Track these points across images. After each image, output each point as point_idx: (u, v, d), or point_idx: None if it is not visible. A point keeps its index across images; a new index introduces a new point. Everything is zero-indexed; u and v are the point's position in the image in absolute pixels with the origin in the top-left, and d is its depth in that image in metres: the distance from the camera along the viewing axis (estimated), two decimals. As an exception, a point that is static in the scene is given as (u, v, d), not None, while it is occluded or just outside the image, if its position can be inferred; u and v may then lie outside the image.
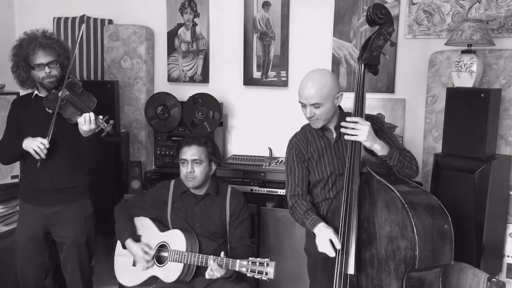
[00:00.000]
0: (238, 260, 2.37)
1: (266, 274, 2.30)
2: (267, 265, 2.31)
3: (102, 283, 3.56)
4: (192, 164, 2.66)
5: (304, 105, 2.35)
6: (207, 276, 2.46)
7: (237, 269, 2.37)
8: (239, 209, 2.72)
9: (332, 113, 2.37)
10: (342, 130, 2.17)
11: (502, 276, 3.11)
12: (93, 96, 2.68)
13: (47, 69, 2.63)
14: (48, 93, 2.67)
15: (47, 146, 2.59)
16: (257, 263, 2.33)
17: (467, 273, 2.41)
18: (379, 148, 2.14)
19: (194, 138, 2.76)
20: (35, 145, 2.59)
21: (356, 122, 2.13)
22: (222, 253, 2.45)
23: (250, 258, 2.36)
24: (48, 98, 2.65)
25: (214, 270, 2.42)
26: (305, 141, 2.45)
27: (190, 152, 2.67)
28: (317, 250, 2.18)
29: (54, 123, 2.59)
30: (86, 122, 2.54)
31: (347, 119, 2.17)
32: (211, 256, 2.45)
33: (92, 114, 2.56)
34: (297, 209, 2.37)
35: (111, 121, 2.61)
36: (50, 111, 2.62)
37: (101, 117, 2.59)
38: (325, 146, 2.42)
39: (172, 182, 2.83)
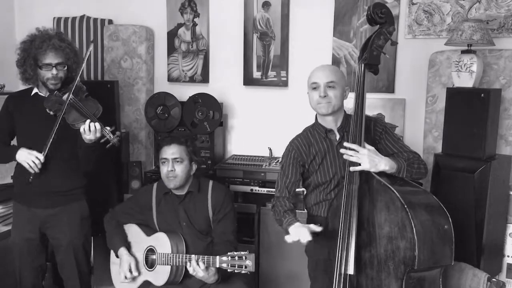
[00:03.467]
0: (217, 257, 2.37)
1: (246, 267, 2.30)
2: (246, 258, 2.31)
3: (102, 283, 3.56)
4: (173, 162, 2.65)
5: (315, 87, 2.33)
6: (190, 272, 2.46)
7: (217, 266, 2.37)
8: (220, 203, 2.70)
9: (341, 103, 2.36)
10: (345, 157, 2.16)
11: (502, 276, 3.11)
12: (99, 104, 2.65)
13: (54, 71, 2.59)
14: (50, 94, 2.64)
15: (42, 161, 2.57)
16: (236, 257, 2.33)
17: (467, 273, 2.42)
18: (387, 168, 2.13)
19: (173, 137, 2.76)
20: (30, 159, 2.56)
21: (354, 150, 2.13)
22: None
23: (229, 253, 2.35)
24: (50, 99, 2.62)
25: (195, 269, 2.42)
26: (307, 144, 2.43)
27: (171, 151, 2.67)
28: (318, 251, 2.18)
29: (56, 128, 2.56)
30: (91, 132, 2.51)
31: (345, 144, 2.16)
32: (193, 256, 2.45)
33: (98, 124, 2.53)
34: (278, 207, 2.37)
35: (118, 133, 2.59)
36: (51, 112, 2.59)
37: (108, 128, 2.56)
38: (327, 148, 2.40)
39: (155, 185, 2.83)
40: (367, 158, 2.11)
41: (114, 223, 2.82)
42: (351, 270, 2.04)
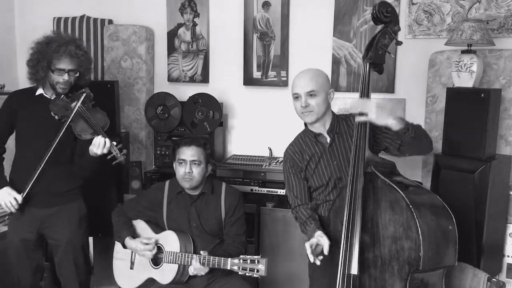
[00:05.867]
0: (229, 259, 2.38)
1: (258, 271, 2.32)
2: (258, 262, 2.33)
3: (101, 283, 3.55)
4: (191, 164, 2.65)
5: (297, 97, 2.36)
6: (190, 273, 2.50)
7: (229, 268, 2.38)
8: (234, 206, 2.72)
9: (325, 108, 2.37)
10: (353, 110, 2.19)
11: (502, 276, 3.12)
12: (107, 117, 2.65)
13: (66, 76, 2.59)
14: (57, 97, 2.62)
15: (20, 202, 2.59)
16: (248, 261, 2.34)
17: (467, 273, 2.43)
18: (395, 122, 2.13)
19: (193, 138, 2.75)
20: (8, 200, 2.58)
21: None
22: (202, 252, 2.48)
23: (241, 256, 2.37)
24: (56, 103, 2.60)
25: (196, 269, 2.45)
26: (299, 151, 2.46)
27: (190, 153, 2.67)
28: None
29: (60, 136, 2.54)
30: (100, 147, 2.52)
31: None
32: (195, 255, 2.47)
33: (108, 141, 2.54)
34: (300, 217, 2.40)
35: (125, 150, 2.59)
36: (56, 117, 2.58)
37: (114, 143, 2.57)
38: (320, 152, 2.42)
39: (167, 183, 2.83)
40: (374, 109, 2.13)
41: (122, 218, 2.80)
42: (354, 270, 2.04)
